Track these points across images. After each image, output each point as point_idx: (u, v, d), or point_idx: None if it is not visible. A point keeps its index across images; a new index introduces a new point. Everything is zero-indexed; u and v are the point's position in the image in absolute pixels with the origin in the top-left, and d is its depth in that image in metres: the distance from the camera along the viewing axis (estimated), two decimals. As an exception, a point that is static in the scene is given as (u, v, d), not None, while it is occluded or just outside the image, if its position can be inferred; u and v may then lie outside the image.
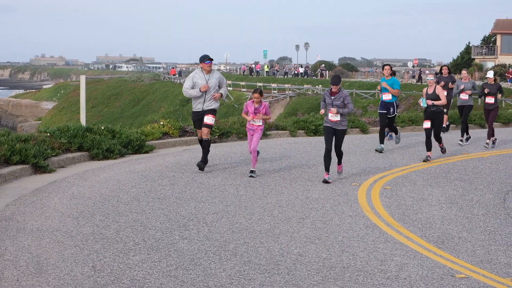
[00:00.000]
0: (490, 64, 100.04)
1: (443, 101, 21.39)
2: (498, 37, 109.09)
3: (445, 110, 27.18)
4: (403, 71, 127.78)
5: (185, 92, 18.65)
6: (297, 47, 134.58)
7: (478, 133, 30.28)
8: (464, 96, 26.69)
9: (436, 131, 21.72)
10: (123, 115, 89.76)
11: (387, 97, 23.47)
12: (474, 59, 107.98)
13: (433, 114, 21.55)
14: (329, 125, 17.51)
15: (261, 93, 18.35)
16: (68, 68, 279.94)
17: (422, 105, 21.76)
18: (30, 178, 16.46)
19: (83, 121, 22.80)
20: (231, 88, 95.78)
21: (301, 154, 22.03)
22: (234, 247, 11.09)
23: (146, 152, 21.49)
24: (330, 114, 17.39)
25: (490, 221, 13.70)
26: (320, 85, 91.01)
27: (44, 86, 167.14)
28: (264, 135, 27.00)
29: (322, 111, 17.81)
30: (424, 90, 21.91)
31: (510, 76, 78.31)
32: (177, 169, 18.44)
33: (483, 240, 12.20)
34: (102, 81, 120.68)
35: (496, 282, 9.87)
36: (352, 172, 18.82)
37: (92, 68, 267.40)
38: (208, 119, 18.18)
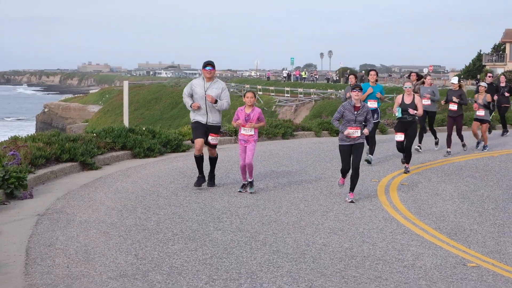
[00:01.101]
0: (500, 71, 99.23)
1: (420, 111, 18.10)
2: (508, 46, 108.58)
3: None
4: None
5: (183, 97, 15.48)
6: (322, 54, 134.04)
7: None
8: (425, 102, 22.61)
9: (408, 144, 18.31)
10: (163, 117, 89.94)
11: (372, 104, 19.75)
12: (485, 65, 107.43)
13: (408, 125, 18.18)
14: (347, 143, 14.49)
15: (254, 94, 15.40)
16: (112, 75, 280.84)
17: (397, 115, 18.23)
18: (78, 175, 16.56)
19: (126, 122, 22.87)
20: (260, 93, 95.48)
21: (325, 153, 21.97)
22: (263, 238, 11.11)
23: (183, 151, 21.52)
24: (352, 131, 14.29)
25: (499, 215, 13.64)
26: (343, 90, 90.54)
27: (90, 91, 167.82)
28: (291, 135, 26.98)
29: (346, 131, 14.34)
30: (399, 98, 18.52)
31: None
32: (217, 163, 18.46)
33: (493, 232, 12.14)
34: (143, 86, 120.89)
35: (505, 270, 9.83)
36: (372, 170, 18.75)
37: (134, 74, 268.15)
38: (213, 140, 15.17)
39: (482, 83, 24.05)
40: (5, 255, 9.65)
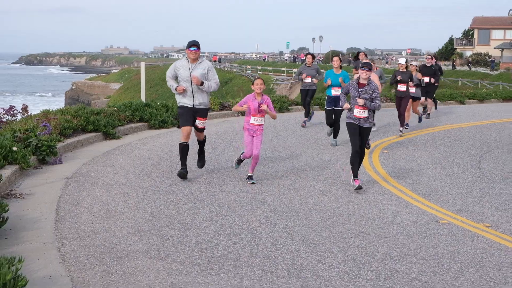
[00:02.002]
0: (468, 53, 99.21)
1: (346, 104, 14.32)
2: (476, 31, 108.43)
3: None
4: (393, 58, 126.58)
5: (167, 79, 12.79)
6: (313, 39, 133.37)
7: (454, 108, 30.00)
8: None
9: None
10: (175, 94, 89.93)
11: (336, 92, 17.06)
12: (456, 49, 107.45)
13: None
14: (355, 122, 12.20)
15: (263, 80, 12.59)
16: (131, 57, 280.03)
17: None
18: (101, 143, 16.53)
19: (143, 98, 22.90)
20: (260, 72, 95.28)
21: (316, 125, 21.91)
22: (262, 198, 11.11)
23: (193, 123, 21.48)
24: (356, 110, 12.13)
25: (468, 178, 13.63)
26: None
27: (112, 71, 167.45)
28: (286, 109, 26.91)
29: (347, 105, 12.20)
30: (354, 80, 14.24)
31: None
32: (217, 136, 18.43)
33: (462, 193, 12.14)
34: (158, 67, 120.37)
35: (472, 226, 9.84)
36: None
37: (150, 56, 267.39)
38: (201, 124, 12.69)
39: (413, 62, 20.93)
40: (38, 213, 9.66)
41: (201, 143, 13.21)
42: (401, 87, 19.83)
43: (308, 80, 20.75)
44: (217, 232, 8.99)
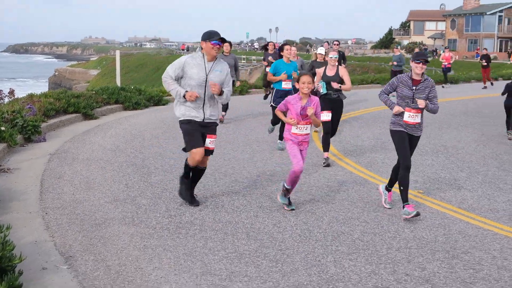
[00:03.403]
0: (406, 42, 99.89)
1: (348, 85, 11.95)
2: (412, 23, 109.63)
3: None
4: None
5: (164, 81, 8.51)
6: (270, 30, 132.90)
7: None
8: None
9: (334, 125, 12.34)
10: (147, 79, 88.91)
11: (287, 85, 13.38)
12: (394, 38, 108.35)
13: (335, 103, 12.06)
14: (403, 129, 8.62)
15: (312, 78, 8.59)
16: (108, 46, 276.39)
17: (321, 91, 11.97)
18: (81, 123, 16.34)
19: (118, 83, 22.67)
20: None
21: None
22: (225, 170, 11.10)
23: (164, 104, 21.35)
24: (407, 114, 8.50)
25: (404, 151, 13.75)
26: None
27: (91, 59, 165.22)
28: (246, 92, 26.81)
29: (399, 108, 8.58)
30: (320, 70, 12.21)
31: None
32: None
33: (399, 164, 12.25)
34: (132, 55, 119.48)
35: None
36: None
37: (125, 45, 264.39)
38: (212, 144, 8.67)
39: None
40: (24, 186, 9.54)
41: (202, 171, 8.88)
42: None
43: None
44: (184, 201, 8.96)
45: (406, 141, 8.61)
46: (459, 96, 28.16)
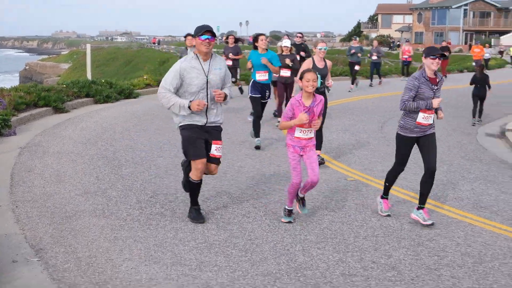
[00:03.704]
0: (374, 35, 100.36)
1: (330, 81, 11.14)
2: (379, 16, 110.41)
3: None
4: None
5: (161, 98, 7.48)
6: (240, 24, 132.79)
7: (360, 83, 30.34)
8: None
9: (321, 121, 9.42)
10: (118, 72, 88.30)
11: (263, 77, 12.86)
12: (363, 31, 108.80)
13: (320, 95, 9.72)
14: (413, 135, 7.79)
15: (317, 75, 7.43)
16: (79, 40, 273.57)
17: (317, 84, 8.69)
18: (52, 117, 16.17)
19: (89, 76, 22.51)
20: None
21: (241, 97, 21.88)
22: (195, 162, 11.07)
23: (134, 97, 21.23)
24: (422, 115, 7.64)
25: (372, 142, 13.86)
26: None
27: (62, 53, 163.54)
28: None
29: (437, 100, 7.61)
30: (308, 62, 11.01)
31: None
32: (156, 109, 18.24)
33: (366, 155, 12.34)
34: (103, 49, 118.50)
35: (375, 182, 10.03)
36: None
37: (96, 39, 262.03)
38: (218, 151, 7.65)
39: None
40: (-6, 179, 9.45)
41: (199, 188, 7.72)
42: (285, 73, 14.74)
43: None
44: (155, 193, 8.94)
45: (408, 148, 7.91)
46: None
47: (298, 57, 16.53)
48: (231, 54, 20.64)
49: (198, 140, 7.41)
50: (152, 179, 9.75)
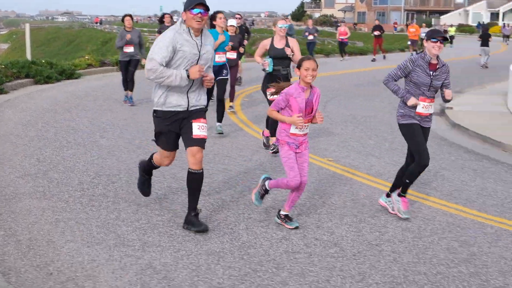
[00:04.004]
0: (317, 15, 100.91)
1: (298, 56, 10.04)
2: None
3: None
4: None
5: (153, 71, 6.28)
6: (183, 3, 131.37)
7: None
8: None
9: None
10: (60, 52, 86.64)
11: (222, 58, 11.93)
12: (306, 11, 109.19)
13: (284, 81, 9.47)
14: (416, 121, 7.20)
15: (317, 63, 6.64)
16: (18, 19, 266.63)
17: (267, 69, 10.18)
18: (-10, 98, 15.81)
19: (29, 56, 22.03)
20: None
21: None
22: (138, 142, 10.96)
23: (76, 78, 20.86)
24: (422, 104, 7.09)
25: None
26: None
27: (0, 32, 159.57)
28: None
29: (414, 101, 7.07)
30: (265, 43, 10.41)
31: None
32: (98, 89, 17.99)
33: (310, 134, 12.33)
34: (43, 29, 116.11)
35: (318, 160, 10.08)
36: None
37: (36, 19, 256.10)
38: (202, 130, 6.62)
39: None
40: None
41: (198, 177, 6.72)
42: (231, 55, 13.73)
43: (131, 49, 15.11)
44: (98, 174, 8.82)
45: (421, 134, 7.17)
46: (365, 67, 28.72)
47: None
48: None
49: (170, 133, 6.70)
50: (95, 160, 9.62)
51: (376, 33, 33.44)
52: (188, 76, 6.33)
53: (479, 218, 7.39)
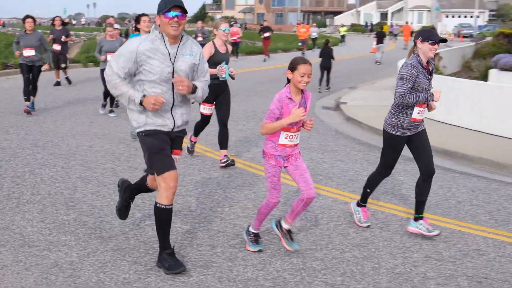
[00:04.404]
0: (218, 16, 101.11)
1: (231, 68, 8.93)
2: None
3: None
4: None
5: (108, 81, 5.21)
6: (88, 5, 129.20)
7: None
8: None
9: (226, 116, 9.30)
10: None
11: None
12: (208, 13, 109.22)
13: (223, 87, 9.16)
14: (407, 134, 6.37)
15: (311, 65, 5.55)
16: None
17: (224, 76, 8.70)
18: None
19: None
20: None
21: (99, 80, 21.29)
22: (43, 143, 10.67)
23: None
24: (417, 110, 6.22)
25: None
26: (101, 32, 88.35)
27: None
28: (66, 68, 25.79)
29: (438, 93, 6.24)
30: (209, 48, 8.82)
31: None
32: (1, 92, 17.37)
33: (213, 131, 12.37)
34: None
35: (219, 156, 10.11)
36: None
37: None
38: (178, 159, 5.54)
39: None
40: None
41: (165, 220, 5.45)
42: (56, 47, 12.83)
43: (31, 52, 13.53)
44: (1, 176, 8.52)
45: (401, 150, 6.51)
46: (259, 67, 28.99)
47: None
48: (64, 37, 18.43)
49: (167, 148, 5.30)
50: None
51: (266, 35, 33.56)
52: (141, 102, 5.12)
53: (371, 205, 7.61)
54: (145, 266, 5.55)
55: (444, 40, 6.24)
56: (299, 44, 36.86)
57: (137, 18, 10.78)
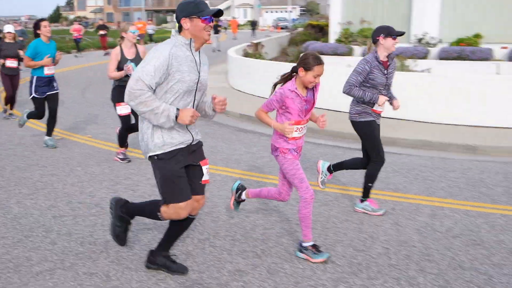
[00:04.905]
0: (72, 16, 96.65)
1: None
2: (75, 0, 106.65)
3: None
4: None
5: (136, 96, 3.73)
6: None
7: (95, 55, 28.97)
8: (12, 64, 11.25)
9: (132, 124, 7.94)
10: None
11: (51, 70, 8.67)
12: (62, 13, 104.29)
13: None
14: (373, 119, 5.78)
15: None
16: None
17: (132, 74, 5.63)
18: None
19: None
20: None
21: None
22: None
23: None
24: (383, 100, 5.60)
25: (75, 106, 13.40)
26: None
27: None
28: None
29: (383, 98, 5.61)
30: (117, 51, 7.63)
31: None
32: None
33: (73, 118, 11.91)
34: None
35: (79, 138, 9.74)
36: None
37: None
38: (207, 173, 4.20)
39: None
40: None
41: (190, 221, 4.35)
42: (11, 63, 11.08)
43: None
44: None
45: (379, 131, 5.84)
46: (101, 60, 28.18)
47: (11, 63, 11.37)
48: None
49: (184, 176, 4.06)
50: None
51: (102, 32, 32.40)
52: (176, 118, 3.85)
53: (211, 170, 7.71)
54: (13, 240, 5.24)
55: (403, 33, 5.64)
56: (137, 38, 35.93)
57: (37, 24, 8.60)
